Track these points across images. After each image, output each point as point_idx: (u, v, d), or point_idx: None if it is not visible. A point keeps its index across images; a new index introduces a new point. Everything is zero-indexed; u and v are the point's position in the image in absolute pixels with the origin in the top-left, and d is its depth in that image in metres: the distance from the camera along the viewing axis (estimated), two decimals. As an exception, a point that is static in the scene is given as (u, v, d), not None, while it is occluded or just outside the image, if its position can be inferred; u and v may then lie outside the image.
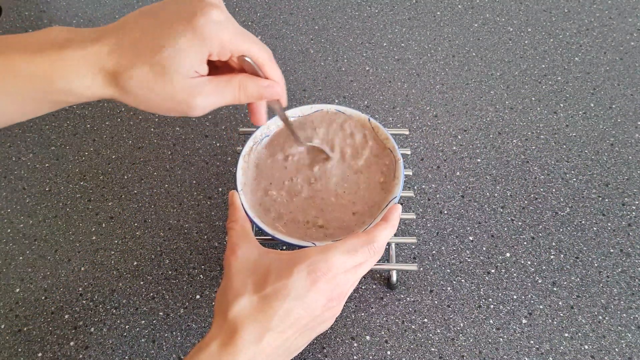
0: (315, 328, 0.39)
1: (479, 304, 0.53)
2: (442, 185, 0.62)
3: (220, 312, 0.37)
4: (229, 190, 0.62)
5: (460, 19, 0.81)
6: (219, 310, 0.37)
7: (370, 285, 0.55)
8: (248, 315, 0.35)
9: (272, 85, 0.40)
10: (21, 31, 0.80)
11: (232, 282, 0.37)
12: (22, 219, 0.61)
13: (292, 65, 0.75)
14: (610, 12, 0.81)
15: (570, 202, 0.60)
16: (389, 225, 0.41)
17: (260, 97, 0.40)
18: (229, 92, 0.37)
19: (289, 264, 0.37)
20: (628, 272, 0.55)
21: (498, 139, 0.66)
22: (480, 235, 0.58)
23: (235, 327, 0.35)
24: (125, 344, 0.52)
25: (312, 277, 0.36)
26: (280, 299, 0.35)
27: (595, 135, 0.66)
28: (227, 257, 0.40)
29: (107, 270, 0.57)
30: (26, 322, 0.53)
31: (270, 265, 0.38)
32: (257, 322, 0.35)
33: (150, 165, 0.65)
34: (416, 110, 0.69)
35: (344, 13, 0.82)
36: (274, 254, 0.39)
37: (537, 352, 0.50)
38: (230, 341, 0.34)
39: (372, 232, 0.40)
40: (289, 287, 0.35)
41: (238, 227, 0.43)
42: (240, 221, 0.43)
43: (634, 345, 0.51)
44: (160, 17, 0.34)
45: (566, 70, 0.73)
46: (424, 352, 0.51)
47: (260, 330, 0.35)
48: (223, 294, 0.38)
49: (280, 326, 0.35)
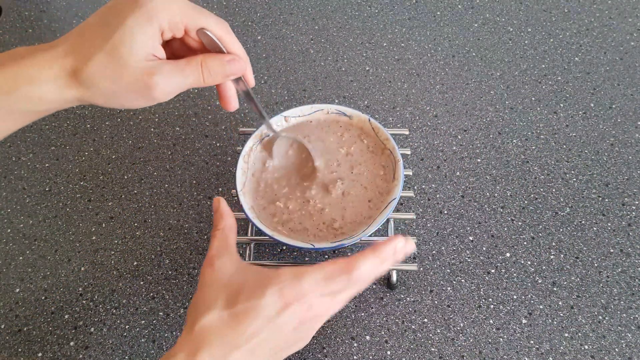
0: (287, 349, 0.37)
1: (479, 304, 0.53)
2: (442, 185, 0.62)
3: (190, 324, 0.36)
4: (229, 190, 0.62)
5: (460, 19, 0.81)
6: (189, 322, 0.36)
7: (370, 285, 0.55)
8: (216, 330, 0.34)
9: (235, 59, 0.38)
10: (21, 31, 0.80)
11: (205, 294, 0.36)
12: (22, 219, 0.61)
13: (292, 65, 0.75)
14: (610, 12, 0.81)
15: (570, 202, 0.60)
16: (376, 258, 0.37)
17: (225, 75, 0.38)
18: (190, 71, 0.36)
19: (263, 283, 0.35)
20: (628, 272, 0.55)
21: (498, 139, 0.66)
22: (480, 235, 0.58)
23: (201, 342, 0.34)
24: (125, 344, 0.52)
25: (283, 300, 0.35)
26: (250, 318, 0.34)
27: (595, 135, 0.66)
28: (204, 268, 0.39)
29: (107, 270, 0.57)
30: (26, 322, 0.53)
31: (246, 282, 0.36)
32: (224, 339, 0.34)
33: (150, 165, 0.65)
34: (416, 110, 0.69)
35: (344, 13, 0.82)
36: (251, 271, 0.38)
37: (537, 352, 0.50)
38: (194, 356, 0.33)
39: (353, 260, 0.37)
40: (260, 308, 0.34)
41: (221, 237, 0.41)
42: (225, 230, 0.41)
43: (634, 345, 0.51)
44: (111, 8, 0.34)
45: (566, 70, 0.73)
46: (424, 352, 0.51)
47: (227, 348, 0.34)
48: (194, 306, 0.37)
49: (247, 345, 0.34)
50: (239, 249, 0.58)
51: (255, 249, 0.57)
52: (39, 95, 0.34)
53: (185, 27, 0.35)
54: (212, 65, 0.37)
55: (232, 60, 0.38)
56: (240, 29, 0.80)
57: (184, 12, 0.34)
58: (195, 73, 0.36)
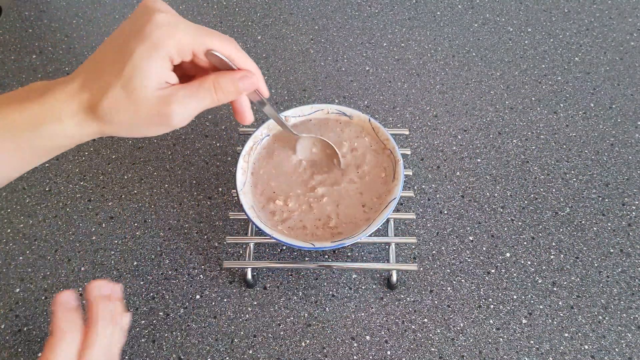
0: None
1: (479, 304, 0.53)
2: (442, 185, 0.62)
3: None
4: (229, 190, 0.62)
5: (460, 19, 0.80)
6: None
7: (370, 285, 0.55)
8: None
9: (246, 75, 0.38)
10: (21, 31, 0.80)
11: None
12: (22, 219, 0.61)
13: (292, 65, 0.75)
14: (610, 12, 0.81)
15: (570, 202, 0.60)
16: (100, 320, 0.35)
17: (238, 92, 0.38)
18: (204, 93, 0.36)
19: None
20: (628, 272, 0.55)
21: (498, 139, 0.66)
22: (480, 235, 0.58)
23: None
24: (125, 344, 0.52)
25: None
26: None
27: (595, 135, 0.66)
28: None
29: (107, 270, 0.57)
30: (26, 322, 0.53)
31: None
32: None
33: (150, 165, 0.65)
34: (416, 110, 0.69)
35: (344, 13, 0.82)
36: None
37: (537, 352, 0.50)
38: None
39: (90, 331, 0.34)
40: None
41: None
42: None
43: (634, 345, 0.51)
44: (118, 40, 0.34)
45: (566, 70, 0.73)
46: (424, 352, 0.51)
47: None
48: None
49: None
50: (239, 248, 0.58)
51: (255, 248, 0.57)
52: (62, 131, 0.34)
53: (192, 51, 0.36)
54: (224, 85, 0.37)
55: (244, 77, 0.38)
56: (240, 29, 0.80)
57: (190, 37, 0.35)
58: (209, 95, 0.37)
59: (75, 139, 0.35)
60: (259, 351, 0.51)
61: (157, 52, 0.33)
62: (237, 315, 0.53)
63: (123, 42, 0.34)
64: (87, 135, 0.35)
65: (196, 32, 0.35)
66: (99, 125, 0.35)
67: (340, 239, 0.48)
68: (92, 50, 0.77)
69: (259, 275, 0.56)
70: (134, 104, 0.34)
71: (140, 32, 0.33)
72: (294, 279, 0.56)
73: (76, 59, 0.76)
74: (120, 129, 0.35)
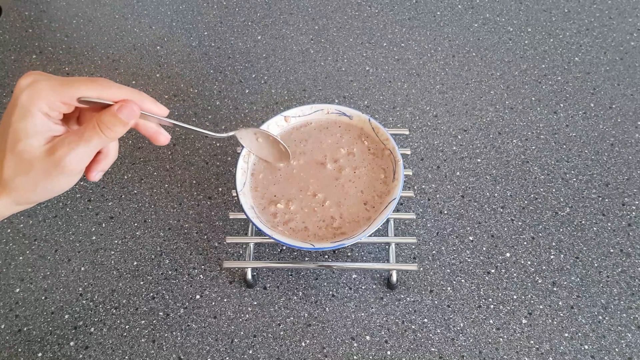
0: None
1: (479, 304, 0.53)
2: (442, 185, 0.62)
3: None
4: (229, 190, 0.62)
5: (460, 19, 0.80)
6: None
7: (370, 285, 0.55)
8: None
9: (122, 105, 0.38)
10: (21, 31, 0.80)
11: None
12: (22, 219, 0.61)
13: (292, 65, 0.75)
14: (610, 12, 0.81)
15: (570, 202, 0.60)
16: None
17: (123, 123, 0.38)
18: (89, 133, 0.37)
19: None
20: (628, 272, 0.55)
21: (498, 139, 0.66)
22: (480, 235, 0.58)
23: None
24: (125, 344, 0.52)
25: None
26: None
27: (595, 135, 0.66)
28: None
29: (107, 270, 0.57)
30: (26, 322, 0.53)
31: None
32: None
33: (150, 165, 0.65)
34: (416, 110, 0.69)
35: (344, 13, 0.82)
36: None
37: (537, 352, 0.50)
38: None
39: None
40: None
41: None
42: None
43: (634, 345, 0.51)
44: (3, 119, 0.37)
45: (566, 70, 0.73)
46: (424, 352, 0.51)
47: None
48: None
49: None
50: (239, 249, 0.58)
51: (255, 248, 0.57)
52: None
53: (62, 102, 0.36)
54: (106, 120, 0.37)
55: (121, 107, 0.38)
56: (240, 29, 0.80)
57: (54, 92, 0.36)
58: (95, 134, 0.37)
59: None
60: (259, 351, 0.51)
61: (29, 113, 0.35)
62: (237, 315, 0.53)
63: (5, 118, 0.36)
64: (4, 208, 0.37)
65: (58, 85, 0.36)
66: (10, 195, 0.36)
67: (342, 238, 0.48)
68: (92, 50, 0.77)
69: (259, 275, 0.56)
70: (27, 164, 0.35)
71: (13, 103, 0.36)
72: (294, 279, 0.56)
73: (76, 59, 0.76)
74: (29, 193, 0.37)
